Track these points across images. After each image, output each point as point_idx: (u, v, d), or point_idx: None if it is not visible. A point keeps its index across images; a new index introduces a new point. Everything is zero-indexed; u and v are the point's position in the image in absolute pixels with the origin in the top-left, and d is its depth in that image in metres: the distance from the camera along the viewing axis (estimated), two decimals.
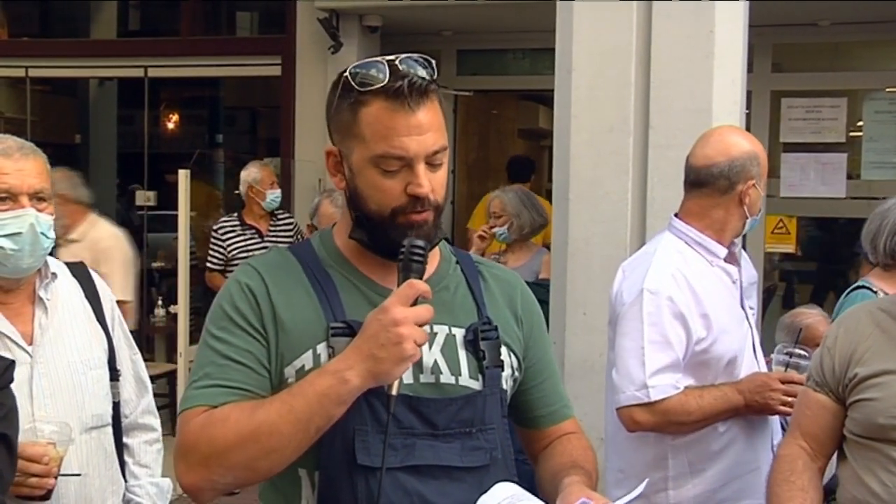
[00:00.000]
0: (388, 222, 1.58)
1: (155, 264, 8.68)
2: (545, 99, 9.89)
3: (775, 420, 2.63)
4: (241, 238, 5.90)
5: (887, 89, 6.97)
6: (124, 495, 2.34)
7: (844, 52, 7.41)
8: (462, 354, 1.64)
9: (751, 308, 2.78)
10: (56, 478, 2.04)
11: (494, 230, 4.71)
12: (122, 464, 2.35)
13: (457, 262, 1.76)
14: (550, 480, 1.67)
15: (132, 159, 9.32)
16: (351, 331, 1.55)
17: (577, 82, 3.93)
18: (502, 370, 1.68)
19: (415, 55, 1.60)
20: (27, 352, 2.14)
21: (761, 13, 4.32)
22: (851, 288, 3.21)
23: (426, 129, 1.56)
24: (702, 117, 3.78)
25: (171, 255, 6.08)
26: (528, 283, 4.76)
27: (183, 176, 5.59)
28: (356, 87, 1.56)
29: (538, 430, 1.81)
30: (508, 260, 4.62)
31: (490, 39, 7.74)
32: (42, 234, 2.12)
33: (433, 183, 1.58)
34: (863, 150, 6.92)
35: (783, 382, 2.49)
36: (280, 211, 6.20)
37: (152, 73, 8.16)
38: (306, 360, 1.57)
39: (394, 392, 1.50)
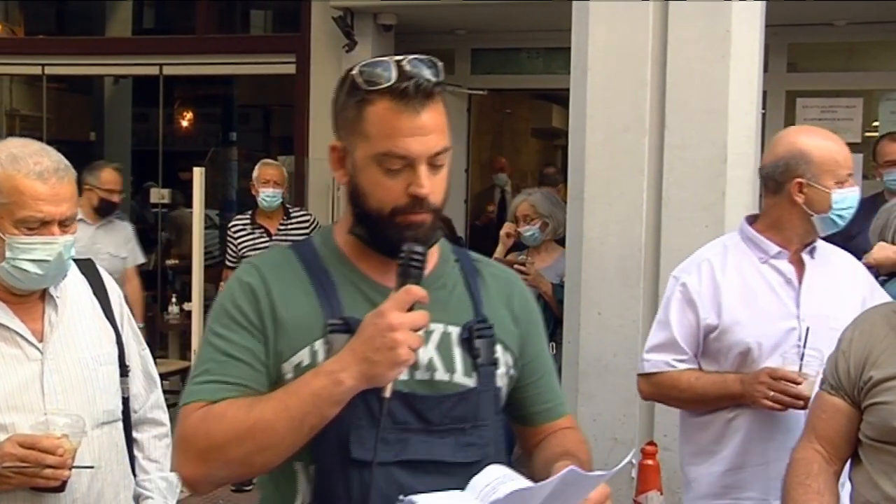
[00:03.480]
0: (386, 221, 1.59)
1: (169, 262, 8.72)
2: (559, 98, 9.88)
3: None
4: (251, 236, 5.93)
5: None
6: (134, 490, 2.34)
7: (860, 52, 7.37)
8: (457, 352, 1.65)
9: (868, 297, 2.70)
10: (70, 469, 2.05)
11: (523, 230, 4.70)
12: (132, 458, 2.35)
13: (456, 261, 1.76)
14: (542, 469, 1.67)
15: (147, 157, 9.37)
16: (348, 327, 1.57)
17: (592, 82, 3.93)
18: (497, 368, 1.69)
19: (423, 56, 1.60)
20: (38, 348, 2.14)
21: (777, 13, 4.31)
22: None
23: (429, 130, 1.58)
24: (717, 117, 3.77)
25: (185, 252, 6.09)
26: (553, 284, 4.74)
27: (198, 173, 5.61)
28: (363, 85, 1.58)
29: (534, 427, 1.82)
30: (535, 261, 4.61)
31: (504, 38, 7.74)
32: (67, 258, 2.14)
33: (434, 185, 1.60)
34: None
35: (775, 378, 2.47)
36: (296, 209, 6.22)
37: (167, 70, 8.19)
38: (303, 356, 1.59)
39: (387, 394, 1.51)
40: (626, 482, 3.62)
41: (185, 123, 10.93)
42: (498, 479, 1.52)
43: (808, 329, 2.52)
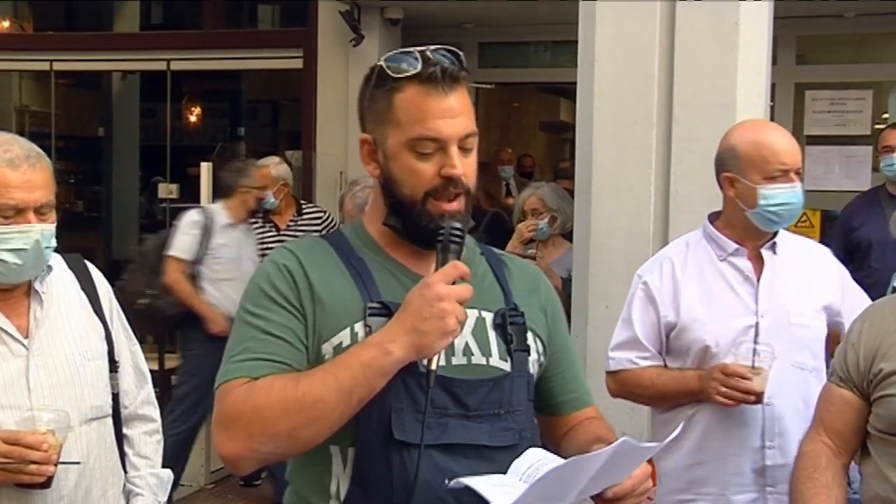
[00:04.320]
0: (420, 208, 1.64)
1: None
2: (567, 92, 9.87)
3: (773, 420, 2.58)
4: (260, 230, 5.96)
5: None
6: (124, 486, 2.32)
7: (870, 44, 7.33)
8: (492, 336, 1.69)
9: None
10: (56, 465, 2.03)
11: (536, 224, 4.69)
12: (122, 455, 2.33)
13: (481, 253, 1.82)
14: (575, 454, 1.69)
15: (155, 152, 9.37)
16: (387, 311, 1.61)
17: (599, 75, 3.92)
18: (529, 354, 1.73)
19: (446, 47, 1.67)
20: (23, 344, 2.12)
21: (785, 5, 4.29)
22: None
23: (458, 112, 1.63)
24: (726, 110, 3.76)
25: None
26: (562, 279, 4.72)
27: (205, 168, 5.64)
28: (391, 75, 1.63)
29: (560, 417, 1.86)
30: (545, 256, 4.59)
31: (511, 32, 7.72)
32: (46, 247, 2.10)
33: (465, 167, 1.64)
34: None
35: (727, 374, 2.48)
36: (310, 206, 6.23)
37: (175, 66, 8.19)
38: (344, 337, 1.62)
39: (433, 367, 1.55)
40: None
41: (192, 118, 10.94)
42: (540, 460, 1.56)
43: (757, 324, 2.53)
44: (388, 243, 1.72)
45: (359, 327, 1.62)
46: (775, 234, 2.69)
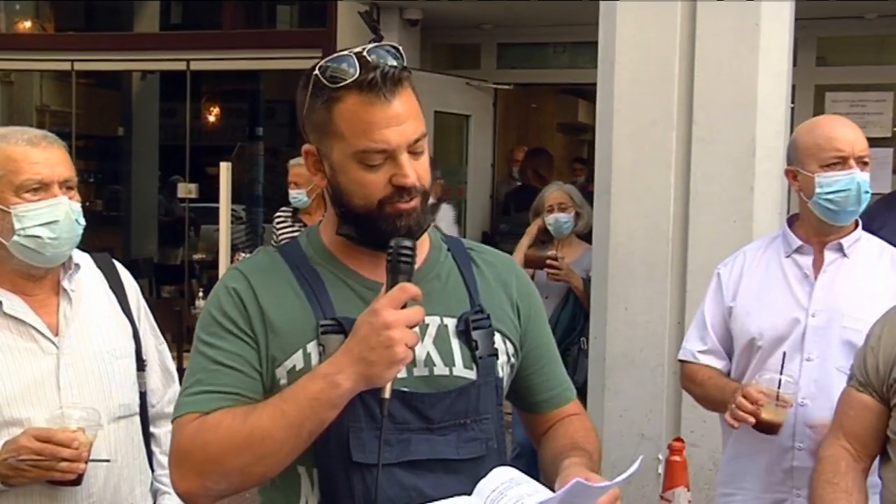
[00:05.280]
0: (375, 214, 1.55)
1: (196, 256, 8.78)
2: (585, 93, 9.87)
3: (805, 421, 2.55)
4: (290, 229, 5.97)
5: None
6: (151, 484, 2.34)
7: (890, 45, 7.28)
8: (455, 344, 1.62)
9: None
10: (86, 463, 2.04)
11: (559, 217, 4.68)
12: (150, 453, 2.34)
13: (448, 250, 1.72)
14: (552, 462, 1.65)
15: (174, 152, 9.43)
16: (341, 328, 1.54)
17: (619, 75, 3.92)
18: (497, 358, 1.66)
19: (384, 44, 1.56)
20: (53, 342, 2.13)
21: (806, 6, 4.27)
22: None
23: (404, 118, 1.53)
24: (746, 111, 3.75)
25: (212, 246, 6.13)
26: (581, 279, 4.69)
27: (224, 168, 5.65)
28: (327, 83, 1.52)
29: (541, 415, 1.80)
30: (566, 256, 4.58)
31: (530, 33, 7.71)
32: (76, 220, 2.13)
33: (418, 170, 1.55)
34: None
35: (742, 394, 2.46)
36: None
37: (194, 66, 8.24)
38: (296, 360, 1.55)
39: (386, 395, 1.47)
40: (653, 479, 3.61)
41: (211, 118, 11.01)
42: (504, 483, 1.50)
43: (784, 354, 2.50)
44: (342, 252, 1.63)
45: (311, 347, 1.55)
46: (846, 233, 2.64)
